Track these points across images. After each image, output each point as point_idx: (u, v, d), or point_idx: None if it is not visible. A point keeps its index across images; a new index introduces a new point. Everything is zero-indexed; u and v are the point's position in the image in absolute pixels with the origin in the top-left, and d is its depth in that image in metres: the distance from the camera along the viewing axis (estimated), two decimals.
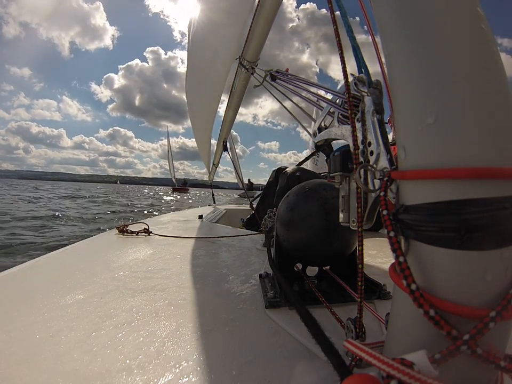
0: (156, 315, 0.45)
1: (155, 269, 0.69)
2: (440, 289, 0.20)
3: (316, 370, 0.33)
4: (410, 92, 0.22)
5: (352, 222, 0.33)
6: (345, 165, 0.34)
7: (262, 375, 0.32)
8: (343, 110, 0.37)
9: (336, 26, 0.34)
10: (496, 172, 0.18)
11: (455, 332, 0.19)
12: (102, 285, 0.58)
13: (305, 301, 0.48)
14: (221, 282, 0.61)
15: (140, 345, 0.37)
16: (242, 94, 1.60)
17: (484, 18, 0.20)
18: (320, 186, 0.53)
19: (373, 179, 0.28)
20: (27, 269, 0.72)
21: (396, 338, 0.24)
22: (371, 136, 0.29)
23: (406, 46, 0.22)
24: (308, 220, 0.50)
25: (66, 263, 0.78)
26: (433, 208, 0.20)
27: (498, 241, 0.18)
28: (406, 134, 0.22)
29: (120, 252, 0.87)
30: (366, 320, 0.31)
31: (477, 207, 0.18)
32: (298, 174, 1.35)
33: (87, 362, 0.33)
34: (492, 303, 0.19)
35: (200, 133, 2.55)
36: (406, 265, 0.20)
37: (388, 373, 0.17)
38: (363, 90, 0.31)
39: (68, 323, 0.42)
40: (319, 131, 0.42)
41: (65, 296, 0.52)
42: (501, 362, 0.19)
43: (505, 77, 0.20)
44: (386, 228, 0.22)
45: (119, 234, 1.13)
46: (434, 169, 0.20)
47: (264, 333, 0.40)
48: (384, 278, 0.57)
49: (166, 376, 0.31)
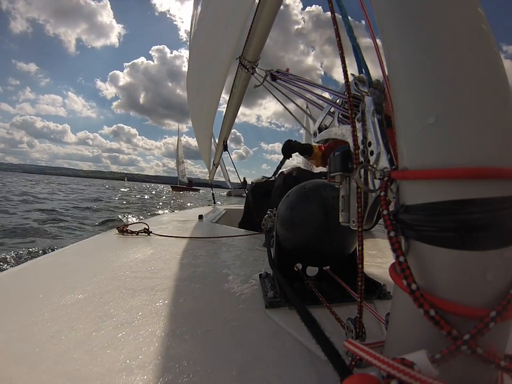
0: (156, 315, 0.45)
1: (155, 269, 0.69)
2: (440, 289, 0.20)
3: (316, 370, 0.33)
4: (411, 92, 0.22)
5: (352, 222, 0.33)
6: (345, 164, 0.34)
7: (262, 375, 0.32)
8: (344, 110, 0.37)
9: (336, 27, 0.34)
10: (496, 172, 0.18)
11: (456, 332, 0.19)
12: (102, 285, 0.58)
13: (305, 301, 0.48)
14: (221, 282, 0.61)
15: (140, 345, 0.37)
16: (242, 94, 1.60)
17: (484, 18, 0.20)
18: (320, 186, 0.53)
19: (373, 179, 0.28)
20: (27, 269, 0.72)
21: (396, 338, 0.24)
22: (371, 136, 0.29)
23: (406, 46, 0.22)
24: (308, 219, 0.50)
25: (66, 263, 0.78)
26: (433, 208, 0.20)
27: (498, 241, 0.18)
28: (406, 134, 0.22)
29: (120, 251, 0.87)
30: (366, 320, 0.31)
31: (477, 207, 0.18)
32: (295, 174, 1.36)
33: (87, 362, 0.33)
34: (492, 303, 0.19)
35: (200, 132, 2.55)
36: (406, 265, 0.20)
37: (388, 373, 0.17)
38: (363, 90, 0.31)
39: (68, 323, 0.42)
40: (319, 131, 0.42)
41: (65, 296, 0.52)
42: (501, 362, 0.19)
43: (506, 77, 0.20)
44: (387, 227, 0.22)
45: (119, 234, 1.13)
46: (434, 169, 0.20)
47: (264, 333, 0.40)
48: (384, 278, 0.57)
49: (166, 376, 0.31)
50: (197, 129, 2.64)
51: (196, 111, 2.34)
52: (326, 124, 0.42)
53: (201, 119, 2.24)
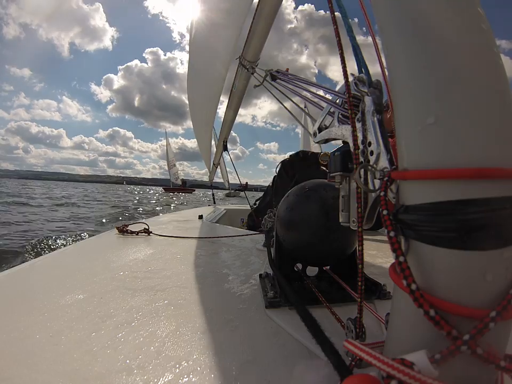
0: (156, 315, 0.45)
1: (155, 269, 0.69)
2: (440, 289, 0.20)
3: (316, 370, 0.33)
4: (410, 92, 0.22)
5: (352, 222, 0.33)
6: (345, 165, 0.34)
7: (262, 375, 0.32)
8: (343, 110, 0.37)
9: (336, 26, 0.34)
10: (496, 172, 0.18)
11: (455, 332, 0.18)
12: (102, 285, 0.58)
13: (305, 301, 0.48)
14: (221, 282, 0.61)
15: (140, 345, 0.37)
16: (242, 94, 1.60)
17: (484, 18, 0.20)
18: (320, 186, 0.53)
19: (373, 179, 0.28)
20: (27, 269, 0.72)
21: (396, 338, 0.24)
22: (371, 136, 0.29)
23: (406, 46, 0.22)
24: (308, 219, 0.50)
25: (66, 263, 0.78)
26: (433, 208, 0.20)
27: (498, 241, 0.18)
28: (406, 134, 0.22)
29: (120, 251, 0.87)
30: (366, 320, 0.31)
31: (477, 207, 0.18)
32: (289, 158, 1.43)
33: (87, 362, 0.33)
34: (492, 303, 0.19)
35: (200, 133, 2.55)
36: (406, 265, 0.20)
37: (388, 373, 0.17)
38: (363, 90, 0.31)
39: (68, 323, 0.42)
40: (319, 131, 0.42)
41: (65, 296, 0.52)
42: (501, 362, 0.19)
43: (506, 77, 0.20)
44: (386, 227, 0.22)
45: (119, 234, 1.13)
46: (434, 169, 0.20)
47: (264, 333, 0.40)
48: (384, 278, 0.57)
49: (166, 376, 0.31)
50: (197, 130, 2.64)
51: (197, 112, 2.34)
52: (326, 123, 0.42)
53: (201, 119, 2.24)
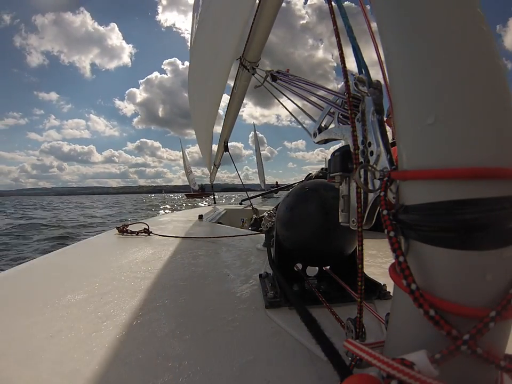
0: (156, 315, 0.45)
1: (155, 269, 0.69)
2: (440, 289, 0.20)
3: (316, 370, 0.33)
4: (410, 92, 0.22)
5: (352, 222, 0.33)
6: (345, 165, 0.34)
7: (262, 375, 0.32)
8: (343, 110, 0.37)
9: (336, 27, 0.34)
10: (496, 172, 0.18)
11: (455, 332, 0.18)
12: (102, 285, 0.58)
13: (305, 301, 0.48)
14: (221, 282, 0.61)
15: (140, 345, 0.37)
16: (243, 94, 1.60)
17: (484, 18, 0.20)
18: (320, 186, 0.53)
19: (373, 179, 0.28)
20: (27, 269, 0.72)
21: (396, 338, 0.24)
22: (371, 136, 0.29)
23: (405, 46, 0.22)
24: (308, 219, 0.50)
25: (66, 263, 0.78)
26: (433, 208, 0.20)
27: (498, 241, 0.18)
28: (406, 134, 0.22)
29: (120, 251, 0.87)
30: (366, 320, 0.31)
31: (476, 207, 0.18)
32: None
33: (87, 362, 0.33)
34: (492, 303, 0.19)
35: (201, 134, 2.55)
36: (406, 265, 0.20)
37: (388, 373, 0.17)
38: (363, 91, 0.31)
39: (68, 323, 0.42)
40: (319, 131, 0.42)
41: (65, 296, 0.52)
42: (501, 362, 0.19)
43: (505, 77, 0.20)
44: (386, 227, 0.22)
45: (119, 234, 1.13)
46: (434, 169, 0.20)
47: (264, 333, 0.40)
48: (384, 278, 0.57)
49: (166, 376, 0.31)
50: (198, 131, 2.64)
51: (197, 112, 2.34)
52: (326, 124, 0.42)
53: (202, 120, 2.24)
